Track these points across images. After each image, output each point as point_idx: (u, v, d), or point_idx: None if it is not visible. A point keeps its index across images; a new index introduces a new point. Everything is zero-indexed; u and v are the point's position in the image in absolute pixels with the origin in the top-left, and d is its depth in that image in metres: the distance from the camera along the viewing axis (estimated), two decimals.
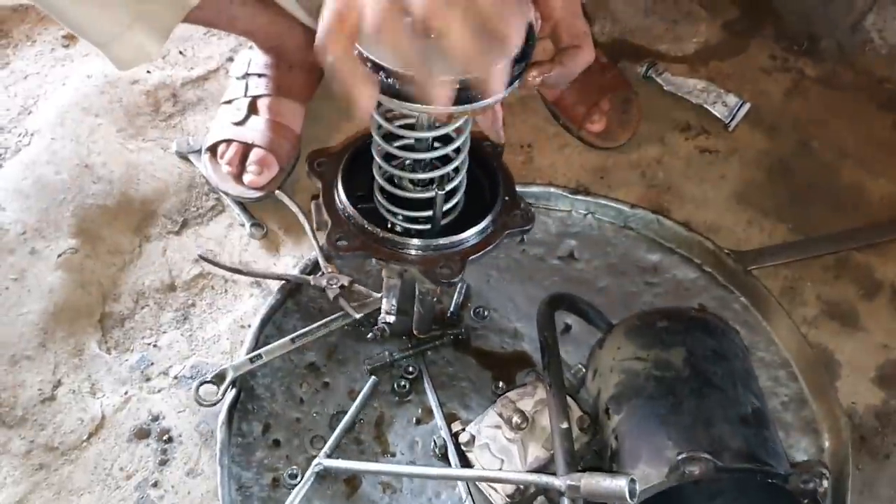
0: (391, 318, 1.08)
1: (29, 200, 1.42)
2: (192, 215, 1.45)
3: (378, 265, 1.02)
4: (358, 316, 1.26)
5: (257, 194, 1.43)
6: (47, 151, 1.48)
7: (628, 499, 0.90)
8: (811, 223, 1.51)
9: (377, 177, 0.99)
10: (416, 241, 0.97)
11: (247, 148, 1.43)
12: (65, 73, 1.61)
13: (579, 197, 1.43)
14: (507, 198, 1.01)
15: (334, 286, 1.27)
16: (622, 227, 1.43)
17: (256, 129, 1.44)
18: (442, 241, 0.97)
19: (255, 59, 1.50)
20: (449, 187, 0.97)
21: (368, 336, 1.23)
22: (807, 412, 1.27)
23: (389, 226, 0.99)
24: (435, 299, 1.20)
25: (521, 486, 1.08)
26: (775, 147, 1.61)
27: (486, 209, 1.00)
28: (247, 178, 1.43)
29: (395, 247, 0.97)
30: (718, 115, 1.60)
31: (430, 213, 0.98)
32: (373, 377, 1.25)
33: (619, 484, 0.91)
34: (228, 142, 1.44)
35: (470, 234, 0.98)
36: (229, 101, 1.49)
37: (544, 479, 1.00)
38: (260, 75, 1.48)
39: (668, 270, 1.39)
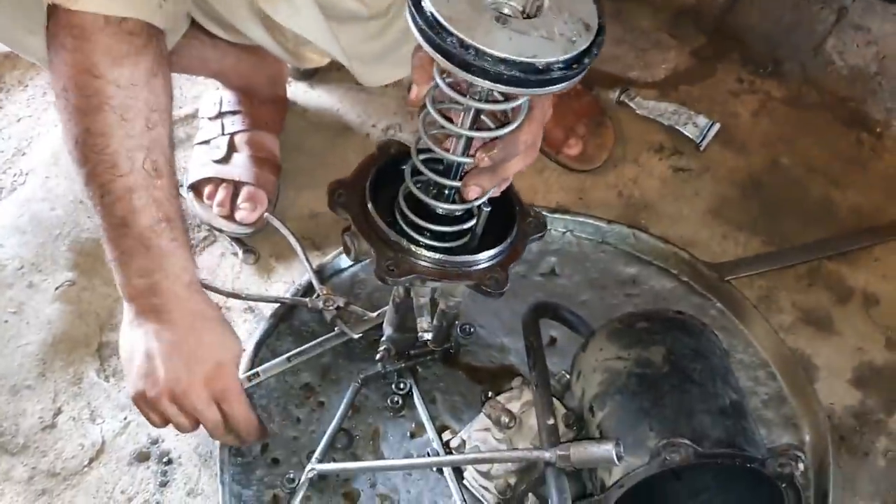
0: (429, 336, 1.06)
1: (26, 236, 1.46)
2: None
3: (406, 285, 1.04)
4: (356, 336, 1.29)
5: (250, 230, 1.48)
6: (42, 189, 1.52)
7: (615, 460, 0.95)
8: (783, 235, 1.57)
9: (423, 198, 1.00)
10: (463, 259, 1.01)
11: (235, 186, 1.48)
12: (56, 116, 1.66)
13: (557, 216, 1.48)
14: (518, 207, 1.07)
15: (331, 307, 1.30)
16: (600, 243, 1.48)
17: (241, 166, 1.49)
18: (484, 255, 1.01)
19: (225, 97, 1.55)
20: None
21: (377, 357, 1.27)
22: (786, 409, 1.32)
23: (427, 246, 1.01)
24: (456, 312, 1.22)
25: (511, 483, 1.11)
26: (746, 165, 1.68)
27: (500, 219, 1.04)
28: (239, 215, 1.47)
29: (445, 266, 1.00)
30: (690, 136, 1.67)
31: (461, 227, 1.02)
32: (353, 384, 1.28)
33: (606, 448, 0.97)
34: (215, 182, 1.49)
35: (505, 246, 1.02)
36: (205, 142, 1.53)
37: (535, 453, 1.04)
38: (234, 112, 1.53)
39: (646, 282, 1.45)
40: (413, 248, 0.99)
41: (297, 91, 1.70)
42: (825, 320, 1.47)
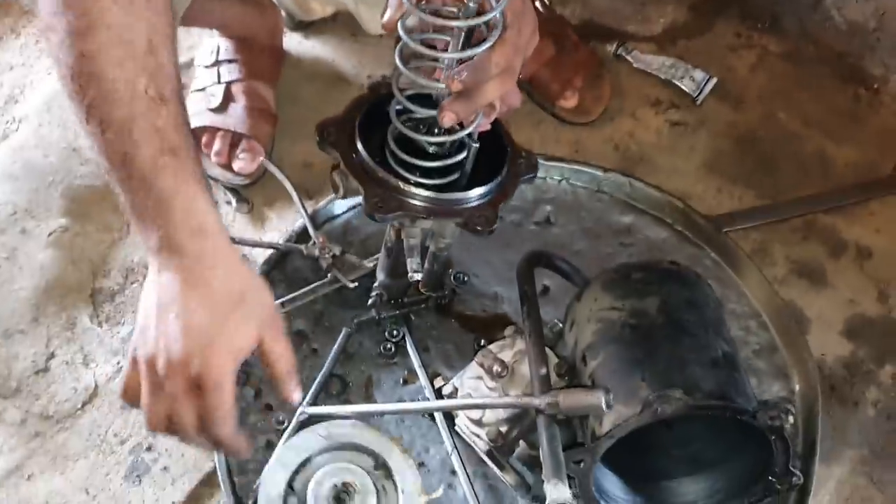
0: (418, 276, 1.05)
1: (18, 182, 1.45)
2: None
3: (397, 225, 1.04)
4: (352, 285, 1.29)
5: (247, 180, 1.48)
6: (35, 136, 1.51)
7: (604, 407, 0.96)
8: (779, 189, 1.57)
9: (404, 131, 1.00)
10: (452, 196, 1.00)
11: (233, 136, 1.48)
12: (49, 63, 1.65)
13: (553, 163, 1.48)
14: (509, 148, 1.06)
15: (327, 255, 1.30)
16: (595, 192, 1.48)
17: (237, 117, 1.48)
18: (474, 192, 1.01)
19: (223, 45, 1.53)
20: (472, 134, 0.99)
21: (369, 302, 1.26)
22: (777, 358, 1.33)
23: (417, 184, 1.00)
24: (447, 255, 1.22)
25: (503, 430, 1.12)
26: (742, 119, 1.67)
27: (492, 160, 1.04)
28: (237, 165, 1.47)
29: (434, 203, 1.00)
30: (687, 90, 1.66)
31: (448, 161, 1.01)
32: (345, 329, 1.29)
33: (596, 395, 0.97)
34: (212, 131, 1.48)
35: (495, 184, 1.02)
36: (201, 90, 1.52)
37: (524, 399, 1.05)
38: (230, 61, 1.52)
39: (641, 231, 1.45)
40: (401, 185, 0.99)
41: (292, 42, 1.68)
42: (818, 273, 1.47)
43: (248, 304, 0.88)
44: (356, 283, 1.29)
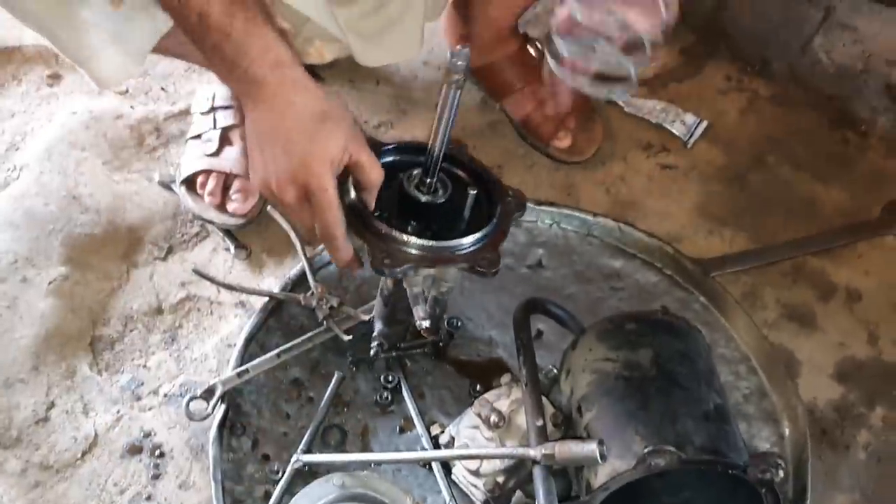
0: (427, 323, 1.10)
1: (19, 231, 1.47)
2: (178, 241, 1.51)
3: (401, 276, 1.08)
4: (346, 338, 1.31)
5: (241, 221, 1.50)
6: (36, 184, 1.53)
7: (599, 459, 0.98)
8: (768, 232, 1.59)
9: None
10: (454, 243, 1.04)
11: (227, 178, 1.50)
12: (50, 111, 1.68)
13: (544, 208, 1.50)
14: (498, 189, 1.11)
15: (324, 306, 1.32)
16: (586, 236, 1.51)
17: (233, 159, 1.51)
18: (474, 237, 1.05)
19: (219, 92, 1.56)
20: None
21: (371, 353, 1.28)
22: (766, 403, 1.35)
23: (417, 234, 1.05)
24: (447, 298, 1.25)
25: (500, 481, 1.14)
26: (732, 162, 1.70)
27: (485, 207, 1.09)
28: (231, 206, 1.49)
29: (437, 252, 1.04)
30: (678, 134, 1.69)
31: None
32: (337, 373, 1.30)
33: (590, 448, 0.99)
34: (207, 172, 1.51)
35: (491, 226, 1.07)
36: (197, 136, 1.55)
37: (520, 450, 1.06)
38: (227, 107, 1.55)
39: (631, 275, 1.47)
40: (405, 237, 1.03)
41: None
42: (808, 316, 1.49)
43: (331, 119, 1.02)
44: (350, 336, 1.31)
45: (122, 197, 1.55)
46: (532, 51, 1.67)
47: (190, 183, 1.52)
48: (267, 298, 1.39)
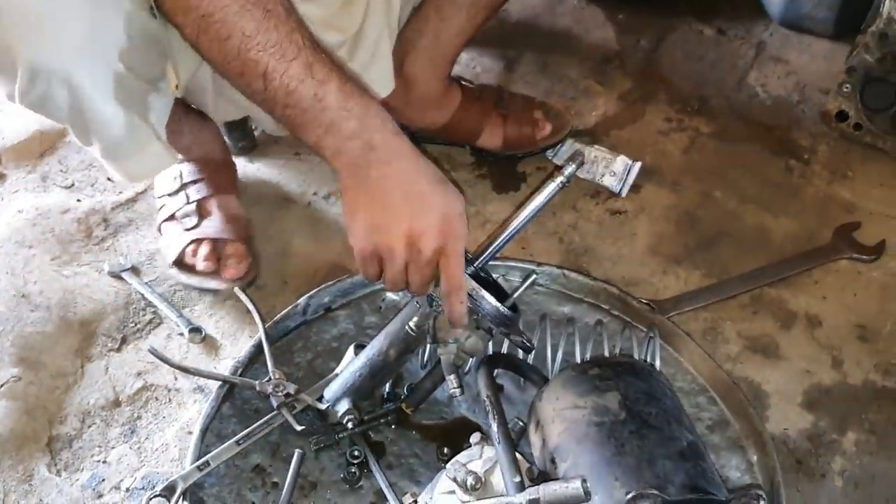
0: (459, 392, 1.19)
1: None
2: (131, 331, 1.49)
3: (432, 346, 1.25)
4: (299, 428, 1.26)
5: (237, 284, 1.49)
6: None
7: (584, 496, 0.97)
8: (723, 266, 1.60)
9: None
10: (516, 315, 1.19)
11: (217, 243, 1.51)
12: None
13: (491, 262, 1.49)
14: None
15: (279, 394, 1.29)
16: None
17: (216, 226, 1.52)
18: (508, 314, 1.16)
19: (185, 169, 1.57)
20: None
21: (339, 436, 1.29)
22: (731, 432, 1.34)
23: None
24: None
25: None
26: (680, 201, 1.71)
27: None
28: (228, 273, 1.50)
29: (514, 322, 1.18)
30: (608, 186, 1.71)
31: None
32: (297, 451, 1.26)
33: (574, 486, 0.98)
34: (197, 242, 1.51)
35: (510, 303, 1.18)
36: (171, 217, 1.55)
37: (504, 500, 1.04)
38: (195, 181, 1.56)
39: (581, 319, 1.47)
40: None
41: (237, 166, 1.71)
42: (771, 346, 1.49)
43: (447, 181, 1.11)
44: (303, 426, 1.27)
45: (73, 291, 1.53)
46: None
47: (181, 262, 1.52)
48: (220, 383, 1.36)
